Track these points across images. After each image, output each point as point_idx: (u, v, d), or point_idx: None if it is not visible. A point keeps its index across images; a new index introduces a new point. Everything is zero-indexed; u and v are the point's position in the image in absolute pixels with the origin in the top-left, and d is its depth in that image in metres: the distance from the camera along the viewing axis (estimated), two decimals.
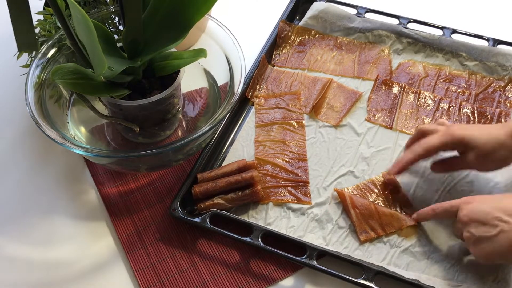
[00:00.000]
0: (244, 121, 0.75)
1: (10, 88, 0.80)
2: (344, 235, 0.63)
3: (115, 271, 0.62)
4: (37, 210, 0.67)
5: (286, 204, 0.66)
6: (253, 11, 0.95)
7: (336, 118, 0.75)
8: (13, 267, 0.62)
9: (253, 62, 0.80)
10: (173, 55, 0.64)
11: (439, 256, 0.61)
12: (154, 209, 0.67)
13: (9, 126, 0.76)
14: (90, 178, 0.70)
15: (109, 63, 0.57)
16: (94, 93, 0.61)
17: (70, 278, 0.61)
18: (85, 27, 0.51)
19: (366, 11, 0.88)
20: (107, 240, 0.64)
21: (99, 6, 0.71)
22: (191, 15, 0.59)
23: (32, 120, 0.59)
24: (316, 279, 0.60)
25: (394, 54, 0.84)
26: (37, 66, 0.65)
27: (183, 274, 0.61)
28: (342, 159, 0.70)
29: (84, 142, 0.67)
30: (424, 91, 0.78)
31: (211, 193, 0.65)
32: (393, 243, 0.62)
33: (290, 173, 0.69)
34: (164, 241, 0.64)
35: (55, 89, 0.67)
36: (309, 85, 0.79)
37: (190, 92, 0.76)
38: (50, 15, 0.70)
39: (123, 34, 0.58)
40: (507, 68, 0.79)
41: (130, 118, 0.65)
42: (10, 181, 0.70)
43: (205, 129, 0.59)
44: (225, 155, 0.71)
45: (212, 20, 0.70)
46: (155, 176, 0.70)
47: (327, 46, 0.85)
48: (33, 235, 0.65)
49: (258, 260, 0.62)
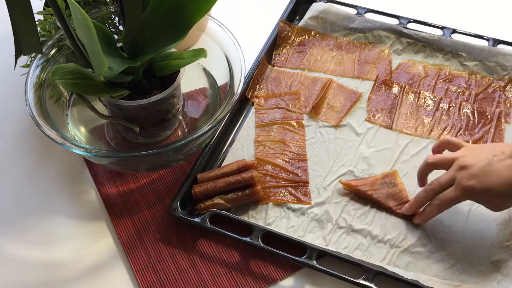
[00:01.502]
0: (244, 121, 0.75)
1: (10, 88, 0.80)
2: (344, 235, 0.63)
3: (115, 271, 0.62)
4: (37, 210, 0.67)
5: (286, 204, 0.66)
6: (253, 11, 0.95)
7: (336, 118, 0.75)
8: (13, 267, 0.62)
9: (253, 62, 0.80)
10: (173, 55, 0.64)
11: (439, 256, 0.61)
12: (154, 209, 0.67)
13: (9, 126, 0.76)
14: (90, 178, 0.70)
15: (109, 63, 0.57)
16: (94, 93, 0.61)
17: (70, 278, 0.61)
18: (85, 27, 0.51)
19: (366, 11, 0.88)
20: (107, 240, 0.64)
21: (99, 6, 0.72)
22: (191, 15, 0.59)
23: (32, 120, 0.59)
24: (316, 279, 0.60)
25: (394, 54, 0.84)
26: (37, 66, 0.65)
27: (183, 274, 0.61)
28: (342, 159, 0.70)
29: (84, 142, 0.67)
30: (424, 91, 0.78)
31: (211, 193, 0.65)
32: (393, 243, 0.62)
33: (290, 173, 0.69)
34: (164, 241, 0.64)
35: (55, 89, 0.67)
36: (309, 85, 0.79)
37: (190, 92, 0.76)
38: (50, 15, 0.70)
39: (123, 34, 0.58)
40: (507, 68, 0.79)
41: (130, 118, 0.65)
42: (10, 181, 0.70)
43: (205, 129, 0.59)
44: (225, 155, 0.71)
45: (212, 20, 0.70)
46: (155, 176, 0.70)
47: (327, 46, 0.85)
48: (33, 235, 0.65)
49: (258, 260, 0.62)
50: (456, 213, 0.64)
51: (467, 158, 0.58)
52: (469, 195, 0.58)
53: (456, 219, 0.64)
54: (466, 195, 0.58)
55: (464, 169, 0.57)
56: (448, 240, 0.62)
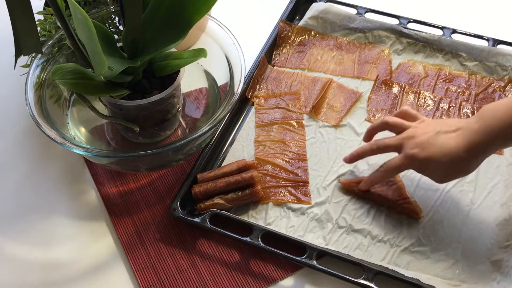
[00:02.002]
0: (244, 121, 0.75)
1: (10, 88, 0.80)
2: (344, 235, 0.63)
3: (115, 271, 0.62)
4: (37, 210, 0.67)
5: (286, 204, 0.66)
6: (253, 11, 0.95)
7: (336, 118, 0.75)
8: (13, 267, 0.62)
9: (253, 62, 0.80)
10: (173, 55, 0.64)
11: (439, 255, 0.61)
12: (154, 209, 0.67)
13: (9, 126, 0.76)
14: (90, 178, 0.70)
15: (109, 63, 0.57)
16: (94, 93, 0.61)
17: (70, 278, 0.61)
18: (85, 27, 0.51)
19: (366, 11, 0.88)
20: (107, 240, 0.64)
21: (99, 6, 0.72)
22: (191, 15, 0.59)
23: (32, 120, 0.59)
24: (316, 279, 0.60)
25: (394, 54, 0.84)
26: (37, 66, 0.65)
27: (183, 274, 0.61)
28: (342, 159, 0.70)
29: (84, 142, 0.67)
30: (424, 91, 0.78)
31: (211, 193, 0.65)
32: (393, 243, 0.62)
33: (290, 173, 0.69)
34: (164, 241, 0.64)
35: (55, 89, 0.67)
36: (309, 85, 0.79)
37: (190, 92, 0.76)
38: (50, 15, 0.70)
39: (123, 34, 0.58)
40: (507, 68, 0.79)
41: (130, 118, 0.65)
42: (10, 181, 0.70)
43: (205, 129, 0.59)
44: (225, 155, 0.71)
45: (212, 20, 0.70)
46: (155, 176, 0.70)
47: (327, 46, 0.85)
48: (33, 235, 0.65)
49: (258, 260, 0.62)
50: (456, 213, 0.64)
51: (418, 129, 0.60)
52: (412, 163, 0.59)
53: (456, 219, 0.64)
54: (409, 163, 0.59)
55: (412, 138, 0.60)
56: (448, 240, 0.62)
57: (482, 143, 0.56)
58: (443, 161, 0.57)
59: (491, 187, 0.67)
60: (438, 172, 0.59)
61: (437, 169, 0.59)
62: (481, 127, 0.56)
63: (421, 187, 0.67)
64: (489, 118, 0.56)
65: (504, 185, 0.67)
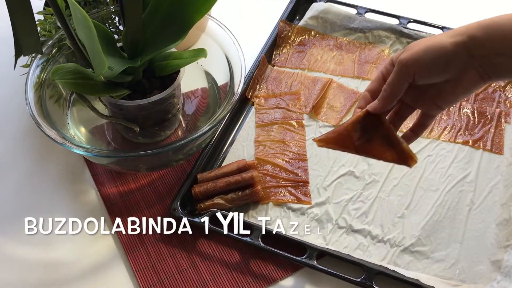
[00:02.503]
0: (244, 121, 0.75)
1: (10, 88, 0.80)
2: (344, 235, 0.63)
3: (115, 271, 0.62)
4: (37, 210, 0.67)
5: (286, 204, 0.66)
6: (253, 11, 0.95)
7: (336, 118, 0.75)
8: (13, 267, 0.62)
9: (253, 62, 0.80)
10: (173, 55, 0.64)
11: (439, 255, 0.61)
12: (154, 209, 0.67)
13: (9, 126, 0.76)
14: (90, 178, 0.70)
15: (109, 63, 0.57)
16: (94, 93, 0.61)
17: (70, 278, 0.61)
18: (85, 27, 0.51)
19: (366, 11, 0.88)
20: (107, 240, 0.64)
21: (99, 6, 0.72)
22: (191, 15, 0.59)
23: (32, 120, 0.59)
24: (316, 279, 0.60)
25: (394, 54, 0.84)
26: (37, 66, 0.65)
27: (183, 274, 0.61)
28: (342, 159, 0.70)
29: (84, 142, 0.67)
30: None
31: (211, 193, 0.65)
32: (393, 243, 0.62)
33: (290, 173, 0.69)
34: (164, 241, 0.64)
35: (55, 89, 0.67)
36: (309, 85, 0.79)
37: (190, 92, 0.76)
38: (50, 15, 0.70)
39: (123, 34, 0.58)
40: None
41: (130, 118, 0.65)
42: (10, 181, 0.70)
43: (205, 129, 0.59)
44: (225, 155, 0.71)
45: (212, 20, 0.70)
46: (155, 176, 0.70)
47: (327, 46, 0.85)
48: (33, 235, 0.65)
49: (258, 260, 0.62)
50: (456, 213, 0.64)
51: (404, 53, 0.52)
52: (401, 70, 0.50)
53: (456, 219, 0.64)
54: (398, 70, 0.51)
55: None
56: (448, 240, 0.62)
57: (468, 33, 0.49)
58: (428, 57, 0.49)
59: (491, 187, 0.67)
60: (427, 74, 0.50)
61: (427, 71, 0.49)
62: (479, 26, 0.50)
63: (421, 187, 0.67)
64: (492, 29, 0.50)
65: (504, 185, 0.67)
